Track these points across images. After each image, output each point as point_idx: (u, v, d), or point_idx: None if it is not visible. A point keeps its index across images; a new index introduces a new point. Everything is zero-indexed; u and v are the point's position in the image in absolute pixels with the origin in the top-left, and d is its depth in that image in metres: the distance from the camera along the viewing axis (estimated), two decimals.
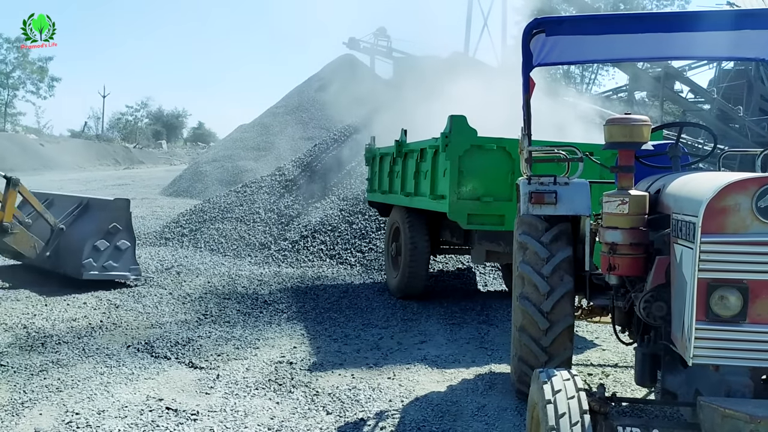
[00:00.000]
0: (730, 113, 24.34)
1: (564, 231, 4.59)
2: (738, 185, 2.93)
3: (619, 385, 5.40)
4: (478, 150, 7.10)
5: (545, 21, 4.63)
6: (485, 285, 9.61)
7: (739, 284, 2.93)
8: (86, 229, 8.68)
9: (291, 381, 5.32)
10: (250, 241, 11.90)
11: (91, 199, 9.55)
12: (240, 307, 7.80)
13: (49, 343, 6.08)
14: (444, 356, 6.17)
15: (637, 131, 3.81)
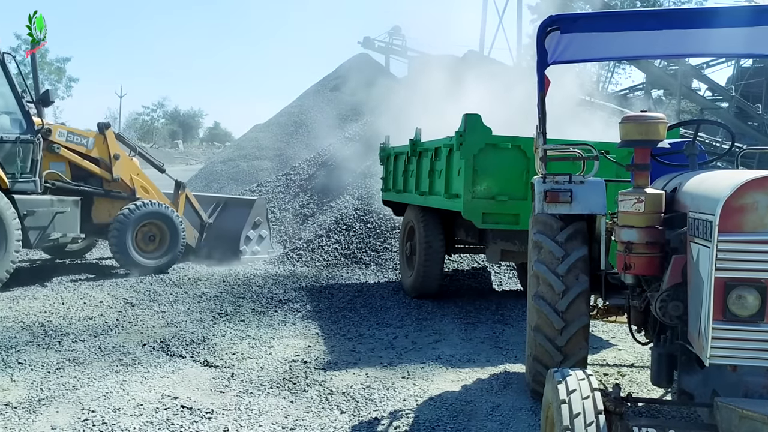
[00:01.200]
0: (748, 111, 24.08)
1: (579, 230, 4.56)
2: (756, 183, 2.88)
3: (635, 386, 5.36)
4: (493, 149, 7.08)
5: (560, 18, 4.59)
6: (500, 284, 9.58)
7: (757, 284, 2.89)
8: (238, 222, 10.83)
9: (305, 380, 5.33)
10: None
11: (229, 198, 11.81)
12: (255, 306, 7.83)
13: (65, 341, 6.14)
14: (459, 356, 6.15)
15: (653, 129, 3.77)
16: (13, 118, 8.59)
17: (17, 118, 8.58)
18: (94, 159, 9.61)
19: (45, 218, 8.62)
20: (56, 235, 8.82)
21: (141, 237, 9.62)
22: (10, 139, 8.37)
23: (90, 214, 9.54)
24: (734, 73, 27.74)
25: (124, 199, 9.75)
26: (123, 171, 9.83)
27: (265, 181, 16.24)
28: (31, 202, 8.50)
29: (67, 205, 8.94)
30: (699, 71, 25.34)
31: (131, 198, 9.77)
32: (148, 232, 9.72)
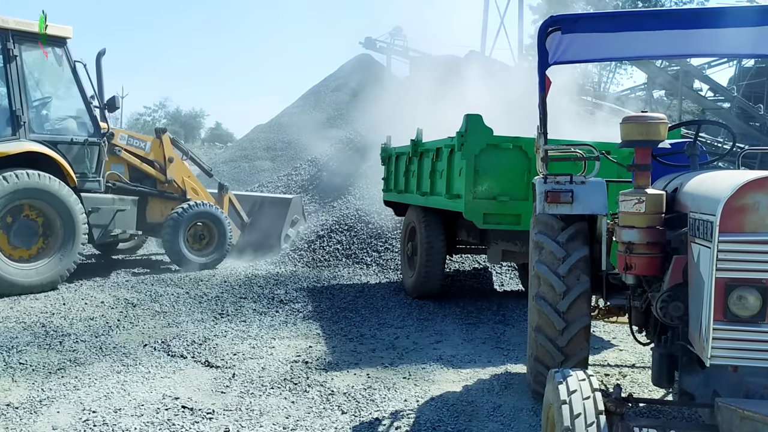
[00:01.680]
0: (750, 111, 24.04)
1: (580, 230, 4.55)
2: (756, 183, 2.88)
3: (637, 386, 5.36)
4: (494, 149, 7.07)
5: (561, 18, 4.59)
6: (501, 285, 9.58)
7: (757, 284, 2.88)
8: (276, 221, 11.40)
9: (306, 380, 5.33)
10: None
11: (265, 197, 12.30)
12: (256, 307, 7.83)
13: (67, 342, 6.14)
14: (460, 356, 6.15)
15: (654, 129, 3.77)
16: (82, 121, 9.21)
17: (86, 121, 9.20)
18: (150, 161, 10.19)
19: (107, 215, 9.33)
20: (116, 231, 9.51)
21: (192, 235, 10.18)
22: (79, 141, 8.99)
23: (144, 213, 10.11)
24: (736, 73, 27.69)
25: (176, 199, 10.33)
26: (176, 173, 10.42)
27: (267, 182, 16.26)
28: (96, 200, 9.17)
29: (127, 204, 9.63)
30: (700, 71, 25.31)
31: (182, 199, 10.35)
32: (199, 231, 10.28)
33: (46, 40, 8.69)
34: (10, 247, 8.17)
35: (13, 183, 7.99)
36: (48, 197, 8.30)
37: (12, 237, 8.19)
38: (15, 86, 8.38)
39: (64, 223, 8.45)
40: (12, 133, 8.36)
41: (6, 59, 8.38)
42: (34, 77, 8.98)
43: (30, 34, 8.60)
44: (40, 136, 8.59)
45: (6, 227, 8.16)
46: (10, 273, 7.98)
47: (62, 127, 9.15)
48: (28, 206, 8.28)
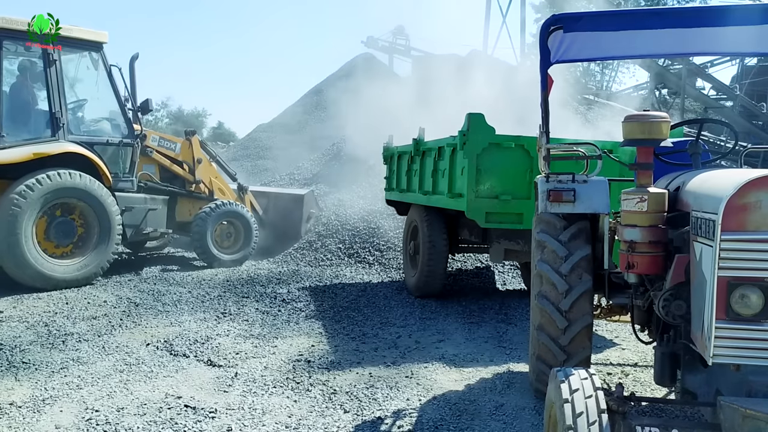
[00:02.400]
0: (753, 110, 24.01)
1: (582, 229, 4.55)
2: (759, 182, 2.88)
3: (639, 385, 5.35)
4: (496, 148, 7.07)
5: (563, 17, 4.58)
6: (504, 284, 9.57)
7: (760, 282, 2.88)
8: (292, 218, 11.62)
9: (309, 379, 5.33)
10: None
11: (278, 193, 12.50)
12: (258, 306, 7.84)
13: (69, 341, 6.15)
14: (462, 355, 6.15)
15: (656, 128, 3.76)
16: (117, 123, 9.56)
17: (120, 123, 9.53)
18: (179, 162, 10.58)
19: (139, 214, 9.65)
20: (148, 230, 9.85)
21: (219, 234, 10.48)
22: (114, 142, 9.37)
23: (174, 212, 10.42)
24: (739, 71, 27.65)
25: (204, 199, 10.67)
26: (204, 174, 10.79)
27: (269, 181, 16.28)
28: (129, 199, 9.50)
29: (158, 203, 9.96)
30: (703, 70, 25.28)
31: (210, 198, 10.71)
32: (226, 230, 10.58)
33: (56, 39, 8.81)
34: (48, 244, 8.49)
35: (55, 182, 8.33)
36: (85, 196, 8.64)
37: (51, 234, 8.52)
38: (54, 90, 8.71)
39: (100, 221, 8.78)
40: (51, 135, 8.71)
41: (46, 64, 8.72)
42: (72, 81, 9.30)
43: (69, 40, 8.92)
44: (77, 138, 8.90)
45: (46, 225, 8.48)
46: (48, 268, 8.29)
47: (98, 129, 9.52)
48: (66, 204, 8.61)
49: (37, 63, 8.86)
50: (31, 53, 8.90)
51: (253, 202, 11.75)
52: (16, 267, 8.10)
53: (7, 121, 8.50)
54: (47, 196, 8.28)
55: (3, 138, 8.34)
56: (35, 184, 8.16)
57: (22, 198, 8.05)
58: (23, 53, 8.98)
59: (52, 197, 8.35)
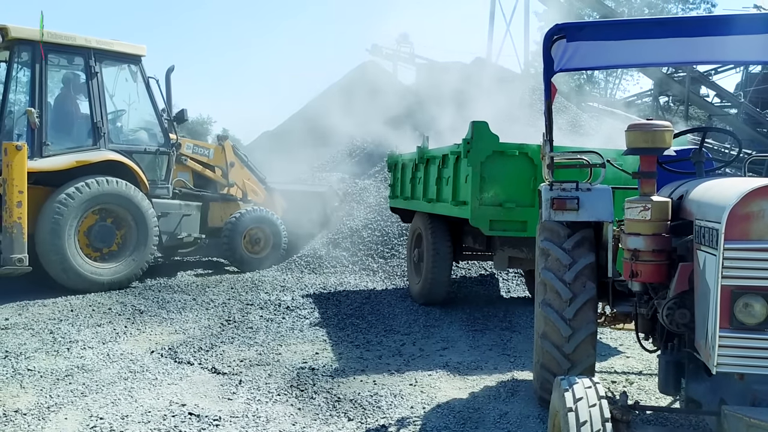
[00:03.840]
0: (757, 117, 23.97)
1: (586, 237, 4.55)
2: (762, 191, 2.89)
3: (643, 393, 5.34)
4: (500, 156, 7.07)
5: (566, 27, 4.60)
6: (508, 291, 9.57)
7: (764, 291, 2.88)
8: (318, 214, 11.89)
9: (313, 387, 5.34)
10: None
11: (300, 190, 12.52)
12: (263, 313, 7.85)
13: (74, 348, 6.17)
14: (466, 363, 6.14)
15: (659, 137, 3.77)
16: (154, 132, 10.04)
17: (157, 132, 10.00)
18: (213, 167, 10.96)
19: (174, 220, 10.05)
20: (182, 235, 10.17)
21: (249, 239, 10.76)
22: (151, 151, 9.82)
23: (206, 218, 10.79)
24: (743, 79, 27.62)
25: (236, 203, 11.10)
26: (237, 177, 11.19)
27: None
28: (165, 206, 9.89)
29: (192, 209, 10.36)
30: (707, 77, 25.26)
31: (245, 200, 11.23)
32: (255, 235, 10.86)
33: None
34: (89, 248, 8.91)
35: (96, 189, 8.75)
36: (125, 202, 9.07)
37: (92, 238, 8.94)
38: (96, 101, 9.19)
39: (138, 226, 9.19)
40: (93, 144, 9.17)
41: (88, 76, 9.21)
42: (112, 92, 9.68)
43: (109, 53, 9.42)
44: (117, 146, 9.37)
45: (87, 229, 8.90)
46: (89, 271, 8.71)
47: (136, 138, 10.00)
48: (106, 210, 9.04)
49: (80, 75, 9.30)
50: (74, 65, 9.33)
51: (281, 202, 12.02)
52: (59, 270, 8.47)
53: (52, 130, 8.90)
54: (89, 202, 8.70)
55: (48, 146, 8.73)
56: (77, 190, 8.56)
57: (65, 204, 8.45)
58: (66, 66, 9.49)
59: (93, 203, 8.77)
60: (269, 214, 11.02)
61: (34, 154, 8.53)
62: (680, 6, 40.72)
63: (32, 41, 8.74)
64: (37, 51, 8.73)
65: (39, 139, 8.64)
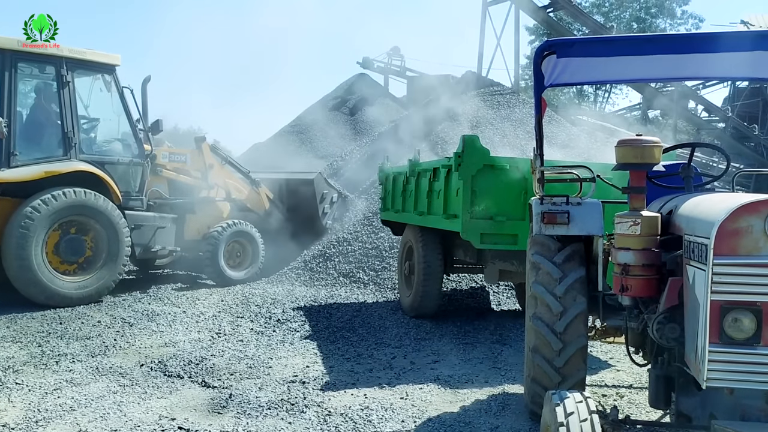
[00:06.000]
0: (745, 132, 24.21)
1: (577, 251, 4.58)
2: (750, 207, 2.92)
3: (634, 407, 5.35)
4: (491, 169, 7.11)
5: (556, 43, 4.65)
6: (499, 304, 9.58)
7: (752, 307, 2.91)
8: (308, 202, 12.00)
9: (303, 400, 5.32)
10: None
11: (287, 179, 12.44)
12: (253, 326, 7.82)
13: (63, 362, 6.13)
14: (457, 376, 6.14)
15: (648, 152, 3.81)
16: (128, 143, 9.79)
17: (131, 143, 9.76)
18: (191, 173, 10.73)
19: (148, 233, 9.81)
20: (156, 248, 9.95)
21: (228, 252, 10.64)
22: (124, 162, 9.59)
23: (182, 230, 10.49)
24: (730, 93, 27.95)
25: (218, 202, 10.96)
26: (218, 177, 11.03)
27: None
28: (138, 218, 9.66)
29: (167, 222, 10.12)
30: (695, 92, 25.52)
31: (228, 199, 11.11)
32: (234, 249, 10.78)
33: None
34: (58, 261, 8.64)
35: (65, 200, 8.50)
36: (95, 214, 8.83)
37: (61, 251, 8.67)
38: (67, 110, 8.95)
39: (109, 239, 8.97)
40: (63, 154, 8.90)
41: (60, 85, 8.96)
42: (85, 101, 9.49)
43: (82, 62, 9.19)
44: (89, 157, 9.11)
45: (56, 242, 8.62)
46: (58, 285, 8.46)
47: (109, 149, 9.74)
48: (76, 222, 8.78)
49: (51, 84, 9.07)
50: (45, 75, 9.14)
51: (268, 194, 11.92)
52: (25, 284, 8.25)
53: (21, 140, 8.70)
54: (57, 214, 8.47)
55: (16, 156, 8.52)
56: (45, 202, 8.34)
57: (32, 215, 8.23)
58: (37, 75, 9.19)
59: (62, 215, 8.53)
60: (250, 228, 10.90)
61: (1, 164, 8.34)
62: (668, 21, 41.15)
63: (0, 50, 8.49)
64: (6, 60, 8.50)
65: (7, 150, 8.39)
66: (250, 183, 11.65)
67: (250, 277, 10.78)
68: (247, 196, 11.48)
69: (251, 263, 10.91)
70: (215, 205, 10.94)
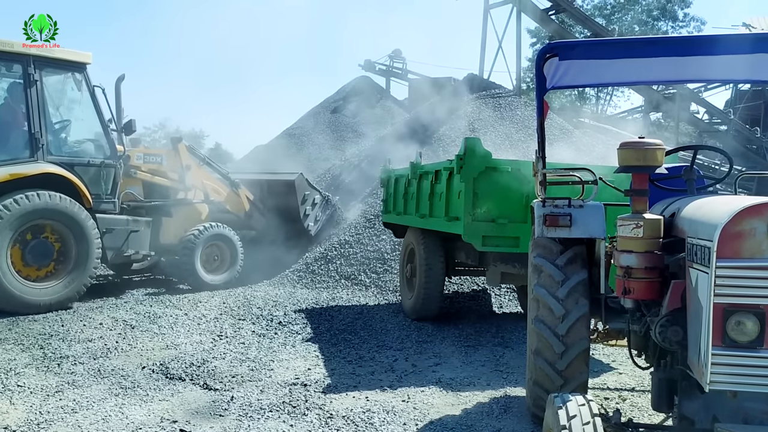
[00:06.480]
0: (747, 134, 24.17)
1: (579, 254, 4.57)
2: (753, 210, 2.91)
3: (636, 410, 5.34)
4: (493, 172, 7.11)
5: (558, 45, 4.65)
6: (500, 307, 9.57)
7: (755, 309, 2.91)
8: (289, 205, 11.61)
9: (305, 403, 5.31)
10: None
11: (269, 180, 12.13)
12: (255, 329, 7.82)
13: (65, 364, 6.13)
14: (459, 379, 6.13)
15: (651, 155, 3.81)
16: (99, 144, 9.45)
17: (103, 144, 9.42)
18: (167, 174, 10.39)
19: (121, 236, 9.47)
20: (130, 252, 9.63)
21: (205, 256, 10.33)
22: (95, 163, 9.20)
23: (158, 234, 10.17)
24: (732, 96, 27.92)
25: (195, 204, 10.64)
26: (195, 179, 10.67)
27: None
28: (110, 221, 9.31)
29: (141, 225, 9.78)
30: (697, 94, 25.49)
31: (206, 200, 10.78)
32: (212, 253, 10.47)
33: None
34: (24, 267, 8.33)
35: (29, 204, 8.17)
36: (62, 218, 8.49)
37: (27, 256, 8.36)
38: (34, 110, 8.58)
39: (78, 244, 8.64)
40: (30, 155, 8.57)
41: (26, 84, 8.60)
42: (54, 101, 9.20)
43: (51, 60, 8.82)
44: (57, 158, 8.77)
45: (22, 247, 8.32)
46: (24, 292, 8.14)
47: (80, 150, 9.40)
48: (43, 226, 8.45)
49: (18, 83, 8.71)
50: (12, 73, 8.73)
51: (248, 195, 11.55)
52: None
53: None
54: (23, 218, 8.14)
55: None
56: (7, 207, 8.00)
57: None
58: (4, 73, 8.85)
59: (27, 219, 8.20)
60: (228, 231, 10.59)
61: None
62: (670, 24, 41.15)
63: None
64: None
65: None
66: (229, 184, 11.31)
67: (228, 282, 10.46)
68: (226, 198, 11.16)
69: (229, 267, 10.58)
70: (193, 207, 10.64)
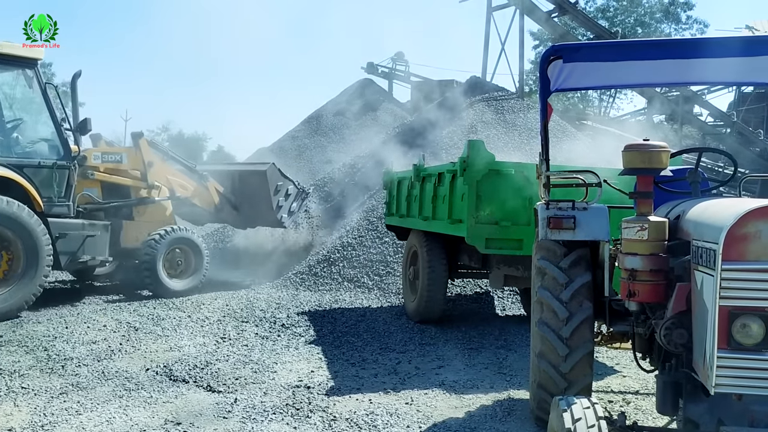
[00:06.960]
0: (750, 137, 24.15)
1: (583, 256, 4.56)
2: (759, 212, 2.91)
3: (641, 413, 5.33)
4: (496, 174, 7.11)
5: (562, 48, 4.65)
6: (503, 309, 9.56)
7: (761, 312, 2.90)
8: (262, 196, 11.04)
9: (308, 405, 5.31)
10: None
11: (240, 171, 11.82)
12: (258, 331, 7.82)
13: (69, 366, 6.13)
14: (462, 381, 6.13)
15: (656, 157, 3.81)
16: (51, 144, 8.97)
17: (55, 144, 8.94)
18: (128, 173, 9.96)
19: (76, 241, 8.95)
20: (86, 257, 9.16)
21: (168, 261, 9.96)
22: (47, 165, 8.70)
23: (119, 238, 9.77)
24: (736, 98, 27.88)
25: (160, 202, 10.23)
26: (158, 175, 10.23)
27: None
28: (63, 225, 8.82)
29: (97, 229, 9.27)
30: (700, 97, 25.47)
31: (172, 197, 10.37)
32: (176, 257, 10.09)
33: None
34: None
35: None
36: (10, 223, 7.99)
37: None
38: None
39: (27, 249, 8.13)
40: None
41: None
42: (2, 99, 8.81)
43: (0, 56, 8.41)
44: (5, 160, 8.32)
45: None
46: None
47: (31, 151, 8.92)
48: None
49: None
50: None
51: (217, 188, 11.18)
52: None
53: None
54: None
55: None
56: None
57: None
58: None
59: None
60: (191, 234, 10.24)
61: None
62: (673, 26, 41.13)
63: None
64: None
65: None
66: (196, 178, 10.89)
67: (192, 288, 10.04)
68: (193, 192, 10.74)
69: (194, 273, 10.16)
70: (157, 206, 10.21)
